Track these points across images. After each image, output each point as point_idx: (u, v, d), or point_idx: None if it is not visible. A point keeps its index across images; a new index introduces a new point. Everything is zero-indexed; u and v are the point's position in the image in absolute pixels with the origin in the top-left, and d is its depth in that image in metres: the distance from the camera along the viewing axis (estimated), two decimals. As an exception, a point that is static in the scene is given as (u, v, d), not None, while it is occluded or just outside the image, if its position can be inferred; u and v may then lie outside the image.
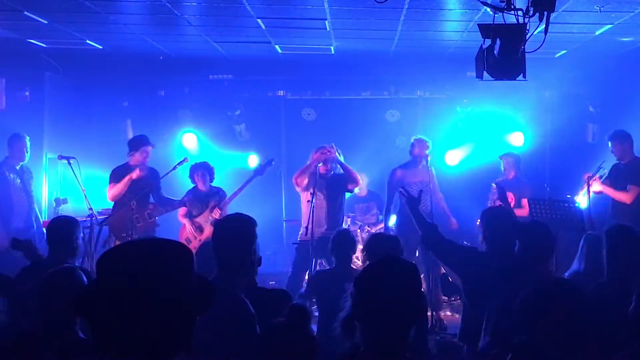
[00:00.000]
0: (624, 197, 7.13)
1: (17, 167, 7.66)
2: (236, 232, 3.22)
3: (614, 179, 7.35)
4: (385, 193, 7.93)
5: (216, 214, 7.40)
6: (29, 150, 7.74)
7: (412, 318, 2.19)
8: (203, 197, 7.58)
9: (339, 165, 7.39)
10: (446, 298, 8.02)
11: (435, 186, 7.83)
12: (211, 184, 7.66)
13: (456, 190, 8.63)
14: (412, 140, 7.98)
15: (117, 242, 7.09)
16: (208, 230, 7.38)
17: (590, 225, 6.33)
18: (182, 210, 7.71)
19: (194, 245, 7.23)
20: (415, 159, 7.77)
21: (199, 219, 7.60)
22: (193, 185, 7.65)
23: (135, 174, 7.12)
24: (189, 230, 7.62)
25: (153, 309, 1.51)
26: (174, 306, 1.54)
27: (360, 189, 8.76)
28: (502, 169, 8.16)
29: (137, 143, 7.39)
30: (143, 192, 7.18)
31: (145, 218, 7.24)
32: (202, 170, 7.59)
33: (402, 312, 2.17)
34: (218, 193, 7.60)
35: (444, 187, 8.18)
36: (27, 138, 7.72)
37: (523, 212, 7.21)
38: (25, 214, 7.63)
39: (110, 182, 7.33)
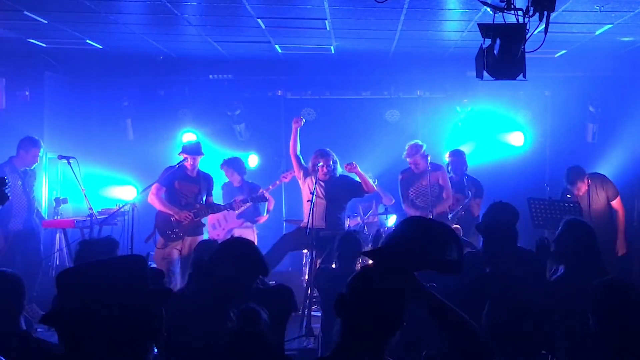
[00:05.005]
0: (621, 214, 7.44)
1: (21, 170, 7.47)
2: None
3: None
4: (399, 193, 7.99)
5: (237, 208, 7.78)
6: (42, 155, 7.64)
7: (396, 324, 2.21)
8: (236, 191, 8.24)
9: (339, 169, 7.39)
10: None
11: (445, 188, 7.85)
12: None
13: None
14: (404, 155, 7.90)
15: (161, 239, 7.31)
16: (232, 222, 8.35)
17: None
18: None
19: (217, 233, 8.22)
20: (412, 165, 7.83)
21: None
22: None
23: (180, 216, 7.26)
24: (216, 218, 8.22)
25: (110, 321, 1.75)
26: (129, 315, 1.78)
27: None
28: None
29: (188, 150, 7.50)
30: (196, 197, 7.45)
31: (191, 216, 7.33)
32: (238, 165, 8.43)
33: (386, 317, 2.19)
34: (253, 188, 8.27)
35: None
36: (42, 144, 7.61)
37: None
38: (24, 216, 7.55)
39: (157, 181, 7.34)
